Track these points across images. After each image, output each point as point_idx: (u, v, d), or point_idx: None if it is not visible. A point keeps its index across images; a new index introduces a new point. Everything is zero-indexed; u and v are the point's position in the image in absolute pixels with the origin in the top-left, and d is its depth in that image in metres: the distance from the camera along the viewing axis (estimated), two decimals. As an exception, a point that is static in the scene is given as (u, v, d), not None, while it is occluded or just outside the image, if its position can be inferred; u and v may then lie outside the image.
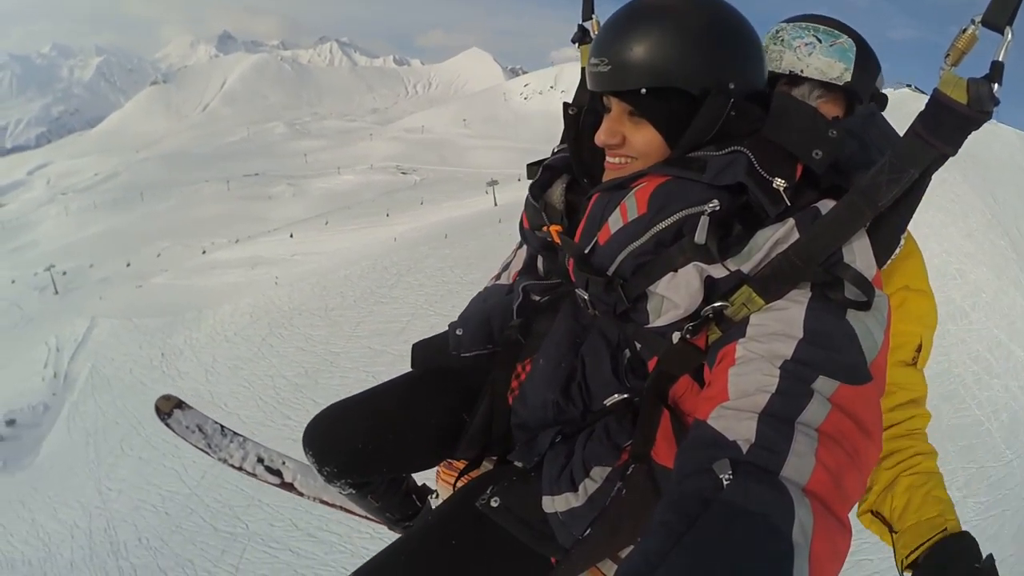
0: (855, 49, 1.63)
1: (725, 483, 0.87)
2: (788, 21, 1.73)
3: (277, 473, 2.41)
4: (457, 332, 1.77)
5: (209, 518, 18.25)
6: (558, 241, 1.48)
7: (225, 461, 2.43)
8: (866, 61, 1.64)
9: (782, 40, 1.67)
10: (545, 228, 1.51)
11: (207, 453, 2.45)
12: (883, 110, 1.65)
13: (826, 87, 1.63)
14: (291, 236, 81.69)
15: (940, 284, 14.12)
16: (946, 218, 17.43)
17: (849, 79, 1.62)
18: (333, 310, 24.88)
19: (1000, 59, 1.06)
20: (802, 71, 1.63)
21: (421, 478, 2.33)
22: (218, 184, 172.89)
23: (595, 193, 1.39)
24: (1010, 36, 1.05)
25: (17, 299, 78.33)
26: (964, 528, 1.43)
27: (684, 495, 0.90)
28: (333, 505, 2.46)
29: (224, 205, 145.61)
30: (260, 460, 2.42)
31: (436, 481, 2.11)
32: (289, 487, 2.42)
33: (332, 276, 29.64)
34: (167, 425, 2.44)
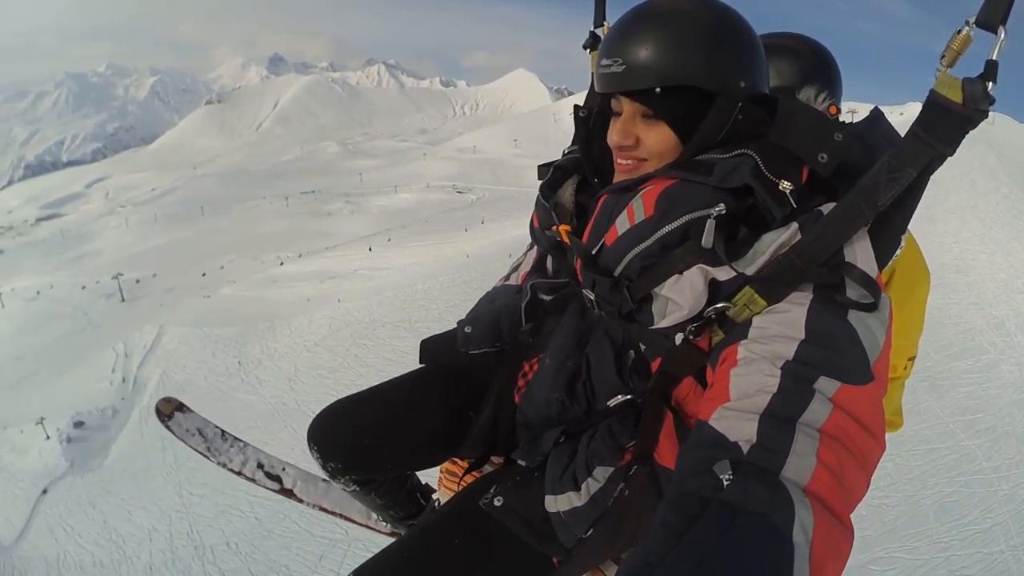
0: None
1: (725, 483, 0.87)
2: None
3: (276, 479, 2.41)
4: (466, 330, 1.76)
5: (304, 524, 18.16)
6: (567, 240, 1.50)
7: (224, 466, 2.43)
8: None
9: None
10: (555, 227, 1.53)
11: (207, 457, 2.43)
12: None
13: None
14: (370, 249, 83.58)
15: (1008, 296, 14.95)
16: (1010, 233, 18.39)
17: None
18: (417, 322, 24.92)
19: (994, 58, 1.07)
20: None
21: (425, 477, 2.31)
22: (277, 201, 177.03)
23: (603, 194, 1.40)
24: (1003, 35, 1.06)
25: (83, 305, 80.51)
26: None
27: (684, 495, 0.90)
28: (333, 513, 2.47)
29: (285, 221, 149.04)
30: (260, 465, 2.42)
31: (439, 487, 2.10)
32: (289, 493, 2.43)
33: (409, 290, 29.77)
34: (167, 427, 2.44)
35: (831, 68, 1.92)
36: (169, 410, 2.46)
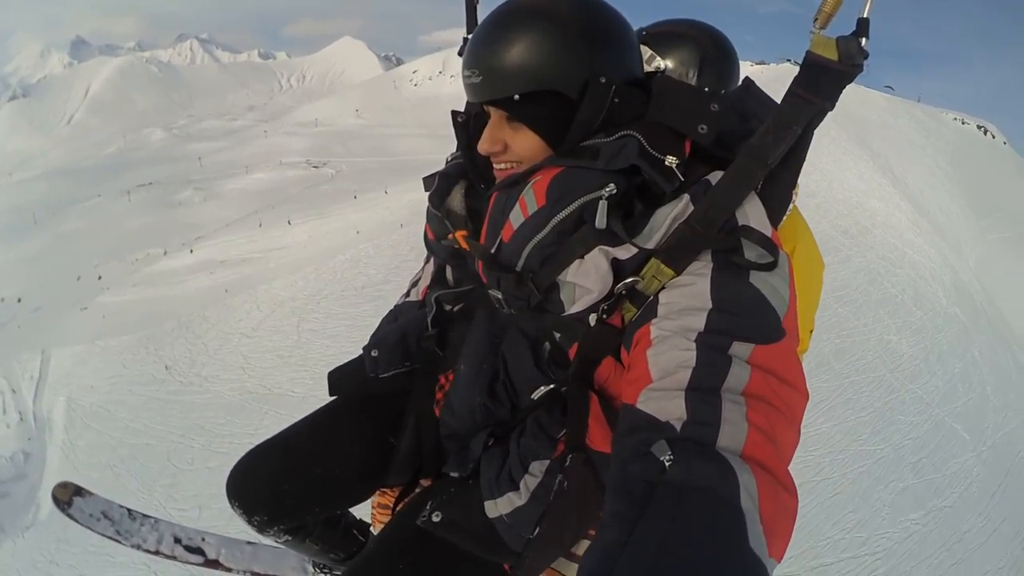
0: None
1: (667, 464, 0.87)
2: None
3: (198, 551, 2.24)
4: (372, 353, 1.70)
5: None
6: (465, 246, 1.47)
7: (139, 547, 2.20)
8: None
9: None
10: (450, 235, 1.51)
11: (118, 541, 2.19)
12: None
13: None
14: (289, 223, 79.71)
15: (848, 211, 19.62)
16: (842, 166, 23.76)
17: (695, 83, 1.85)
18: (365, 288, 24.03)
19: (865, 15, 1.12)
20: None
21: (360, 514, 2.25)
22: (117, 197, 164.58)
23: (494, 193, 1.39)
24: None
25: (-65, 346, 72.67)
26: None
27: (629, 481, 0.90)
28: None
29: (137, 216, 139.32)
30: (177, 540, 2.23)
31: (372, 524, 2.06)
32: (215, 564, 2.26)
33: (332, 262, 28.63)
34: (69, 515, 2.18)
35: (729, 55, 1.94)
36: (67, 496, 2.19)
